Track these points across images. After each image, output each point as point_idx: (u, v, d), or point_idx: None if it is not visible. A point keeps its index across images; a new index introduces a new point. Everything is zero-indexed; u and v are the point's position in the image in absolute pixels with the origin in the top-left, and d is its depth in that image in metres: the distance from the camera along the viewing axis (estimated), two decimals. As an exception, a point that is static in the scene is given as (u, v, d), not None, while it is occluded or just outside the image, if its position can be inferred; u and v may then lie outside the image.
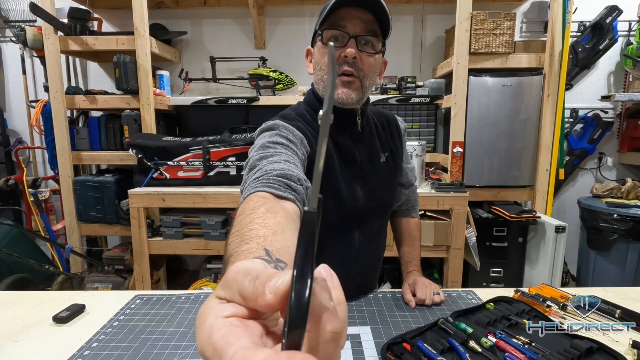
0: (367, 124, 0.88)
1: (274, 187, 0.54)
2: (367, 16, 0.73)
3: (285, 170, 0.58)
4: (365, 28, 0.73)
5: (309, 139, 0.78)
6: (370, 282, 1.05)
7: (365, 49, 0.75)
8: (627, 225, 2.21)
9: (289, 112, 0.86)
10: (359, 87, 0.76)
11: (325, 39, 0.74)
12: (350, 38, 0.72)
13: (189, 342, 0.81)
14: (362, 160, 0.85)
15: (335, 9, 0.71)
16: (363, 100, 0.81)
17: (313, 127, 0.81)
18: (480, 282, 2.37)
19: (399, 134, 0.93)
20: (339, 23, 0.73)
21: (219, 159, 2.22)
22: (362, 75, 0.76)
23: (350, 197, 0.83)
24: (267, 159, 0.62)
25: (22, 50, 2.81)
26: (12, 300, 1.02)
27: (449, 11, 2.56)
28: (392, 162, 0.90)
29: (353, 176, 0.83)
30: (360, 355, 0.76)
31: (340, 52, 0.73)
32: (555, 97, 2.32)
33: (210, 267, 2.39)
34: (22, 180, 2.57)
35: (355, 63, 0.74)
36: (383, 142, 0.89)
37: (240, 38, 2.83)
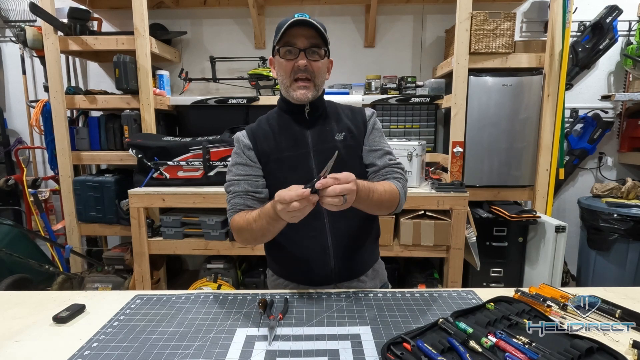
0: (321, 114, 1.08)
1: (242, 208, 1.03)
2: (310, 32, 0.97)
3: (243, 192, 1.04)
4: (310, 42, 0.97)
5: (256, 138, 1.07)
6: (357, 259, 1.11)
7: (312, 57, 0.99)
8: (627, 225, 2.21)
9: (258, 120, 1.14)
10: (313, 87, 1.01)
11: (282, 53, 0.99)
12: (300, 51, 0.97)
13: (189, 342, 0.81)
14: (313, 139, 1.05)
15: (287, 29, 0.96)
16: (317, 96, 1.04)
17: (270, 122, 1.09)
18: (481, 282, 2.37)
19: (363, 120, 1.11)
20: (291, 41, 0.97)
21: (219, 159, 2.22)
22: (314, 77, 1.00)
23: (304, 169, 1.03)
24: (232, 186, 1.06)
25: (22, 50, 2.81)
26: (12, 300, 1.02)
27: (449, 11, 2.56)
28: (350, 140, 1.07)
29: (306, 151, 1.04)
30: (360, 355, 0.76)
31: (294, 62, 0.98)
32: (555, 97, 2.32)
33: (210, 267, 2.39)
34: (22, 180, 2.57)
35: (307, 69, 0.98)
36: (341, 125, 1.08)
37: (240, 38, 2.83)
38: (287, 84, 1.01)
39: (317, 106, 1.07)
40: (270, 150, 1.05)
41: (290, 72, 0.99)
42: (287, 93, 1.03)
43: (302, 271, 1.10)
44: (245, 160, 1.06)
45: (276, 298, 1.00)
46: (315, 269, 1.08)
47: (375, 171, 1.08)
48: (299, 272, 1.11)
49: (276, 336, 0.82)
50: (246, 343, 0.80)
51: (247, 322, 0.88)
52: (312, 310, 0.94)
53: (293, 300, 0.99)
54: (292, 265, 1.11)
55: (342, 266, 1.08)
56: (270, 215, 0.89)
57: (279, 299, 0.99)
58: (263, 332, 0.84)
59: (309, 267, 1.08)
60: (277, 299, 1.00)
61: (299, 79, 0.99)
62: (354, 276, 1.11)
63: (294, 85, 1.00)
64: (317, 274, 1.08)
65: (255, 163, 1.06)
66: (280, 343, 0.80)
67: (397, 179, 1.06)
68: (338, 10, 2.76)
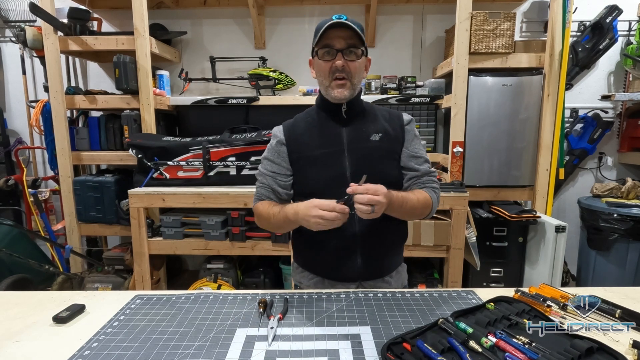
0: (358, 114, 1.11)
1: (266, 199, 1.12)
2: (348, 33, 0.99)
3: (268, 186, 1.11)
4: (347, 43, 1.00)
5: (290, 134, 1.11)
6: (383, 260, 1.12)
7: (349, 57, 1.01)
8: (627, 225, 2.21)
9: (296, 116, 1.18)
10: (350, 86, 1.04)
11: (320, 55, 1.03)
12: (338, 52, 1.00)
13: (189, 342, 0.81)
14: (348, 137, 1.08)
15: (325, 31, 0.99)
16: (354, 95, 1.07)
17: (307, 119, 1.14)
18: (480, 282, 2.37)
19: (400, 124, 1.13)
20: (328, 42, 1.00)
21: (219, 159, 2.22)
22: (351, 77, 1.03)
23: (337, 165, 1.06)
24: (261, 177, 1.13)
25: (22, 50, 2.81)
26: (12, 300, 1.02)
27: (449, 11, 2.56)
28: (386, 142, 1.09)
29: (340, 149, 1.07)
30: (360, 355, 0.76)
31: (332, 63, 1.01)
32: (555, 97, 2.32)
33: (210, 267, 2.39)
34: (22, 180, 2.57)
35: (344, 69, 1.01)
36: (378, 126, 1.10)
37: (240, 38, 2.83)
38: (326, 84, 1.04)
39: (354, 105, 1.10)
40: (304, 146, 1.08)
41: (328, 73, 1.02)
42: (326, 92, 1.07)
43: (328, 267, 1.12)
44: (274, 157, 1.11)
45: (276, 298, 1.00)
46: (341, 265, 1.09)
47: (416, 177, 1.11)
48: (325, 267, 1.12)
49: (276, 336, 0.82)
50: (246, 343, 0.80)
51: (247, 322, 0.88)
52: (312, 310, 0.94)
53: (293, 300, 0.99)
54: (319, 260, 1.13)
55: (368, 265, 1.09)
56: (289, 217, 0.98)
57: (279, 299, 0.99)
58: (263, 332, 0.84)
59: (335, 264, 1.10)
60: (277, 299, 1.00)
61: (336, 78, 1.02)
62: (378, 276, 1.12)
63: (332, 84, 1.03)
64: (343, 270, 1.10)
65: (284, 160, 1.10)
66: (280, 343, 0.80)
67: (434, 189, 1.12)
68: (338, 10, 2.75)
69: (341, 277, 1.11)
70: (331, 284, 1.11)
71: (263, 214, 1.07)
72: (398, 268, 1.18)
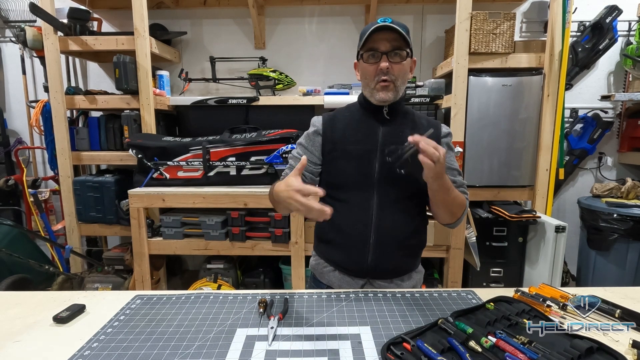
0: (397, 116, 1.12)
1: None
2: (392, 35, 1.00)
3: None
4: (392, 45, 1.01)
5: (328, 125, 1.13)
6: (394, 261, 1.11)
7: (394, 60, 1.02)
8: (627, 225, 2.21)
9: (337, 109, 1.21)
10: (393, 88, 1.05)
11: (365, 58, 1.04)
12: (382, 55, 1.01)
13: (189, 342, 0.81)
14: (383, 138, 1.08)
15: (370, 35, 1.00)
16: (398, 97, 1.08)
17: (345, 114, 1.16)
18: (480, 282, 2.37)
19: (437, 135, 1.12)
20: (373, 45, 1.02)
21: (219, 159, 2.22)
22: (394, 79, 1.04)
23: (366, 162, 1.07)
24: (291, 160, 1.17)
25: (22, 50, 2.81)
26: (12, 300, 1.02)
27: (449, 11, 2.56)
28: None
29: (374, 148, 1.08)
30: (360, 355, 0.76)
31: (377, 66, 1.02)
32: (555, 97, 2.32)
33: (210, 267, 2.39)
34: (22, 180, 2.57)
35: (388, 72, 1.02)
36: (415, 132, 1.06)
37: (240, 38, 2.83)
38: (371, 87, 1.05)
39: (396, 108, 1.11)
40: (339, 139, 1.10)
41: (373, 75, 1.04)
42: (370, 95, 1.08)
43: (340, 259, 1.13)
44: (308, 144, 1.14)
45: (276, 298, 1.00)
46: (353, 259, 1.10)
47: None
48: (339, 258, 1.13)
49: (276, 336, 0.82)
50: (246, 343, 0.80)
51: (247, 322, 0.88)
52: (312, 310, 0.94)
53: (293, 300, 0.99)
54: (334, 250, 1.14)
55: (378, 263, 1.09)
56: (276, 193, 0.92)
57: (279, 299, 0.99)
58: (263, 332, 0.84)
59: (348, 257, 1.11)
60: (277, 299, 1.00)
61: (382, 80, 1.03)
62: (388, 276, 1.12)
63: (378, 86, 1.04)
64: (354, 264, 1.11)
65: (317, 150, 1.13)
66: (280, 343, 0.80)
67: (466, 197, 1.13)
68: (338, 10, 2.76)
69: (351, 272, 1.12)
70: (341, 277, 1.13)
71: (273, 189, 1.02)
72: (411, 273, 1.17)
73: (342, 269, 1.13)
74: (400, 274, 1.14)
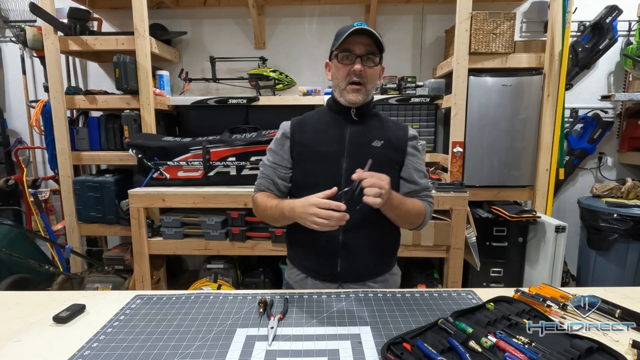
0: (365, 118, 1.14)
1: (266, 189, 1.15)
2: (368, 40, 1.03)
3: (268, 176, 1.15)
4: (367, 49, 1.03)
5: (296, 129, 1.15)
6: (364, 265, 1.12)
7: (367, 64, 1.05)
8: (627, 225, 2.21)
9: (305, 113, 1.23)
10: (364, 92, 1.07)
11: (340, 58, 1.06)
12: (357, 57, 1.03)
13: (189, 342, 0.81)
14: (350, 139, 1.11)
15: (347, 37, 1.01)
16: (367, 100, 1.11)
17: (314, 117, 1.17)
18: (480, 282, 2.37)
19: (405, 137, 1.15)
20: (349, 47, 1.04)
21: (219, 159, 2.22)
22: (366, 82, 1.06)
23: (334, 163, 1.09)
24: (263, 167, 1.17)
25: (22, 50, 2.81)
26: (12, 300, 1.02)
27: (449, 11, 2.56)
28: (388, 150, 1.11)
29: (341, 149, 1.10)
30: (360, 355, 0.76)
31: (350, 67, 1.04)
32: (555, 97, 2.32)
33: (210, 267, 2.39)
34: (22, 180, 2.57)
35: (361, 74, 1.04)
36: (382, 134, 1.13)
37: (240, 38, 2.83)
38: (342, 87, 1.08)
39: (364, 111, 1.13)
40: (308, 141, 1.12)
41: (346, 76, 1.05)
42: (340, 95, 1.10)
43: (311, 264, 1.14)
44: (277, 149, 1.16)
45: (276, 298, 1.00)
46: (323, 263, 1.11)
47: (416, 190, 1.14)
48: (309, 265, 1.14)
49: (276, 336, 0.82)
50: (246, 343, 0.80)
51: (247, 322, 0.88)
52: (312, 310, 0.94)
53: (293, 300, 0.99)
54: (304, 257, 1.15)
55: (348, 268, 1.10)
56: (284, 212, 1.00)
57: (279, 299, 0.99)
58: (263, 332, 0.84)
59: (318, 261, 1.12)
60: (277, 299, 1.00)
61: (353, 82, 1.05)
62: (359, 280, 1.13)
63: (348, 88, 1.06)
64: (325, 269, 1.11)
65: (286, 153, 1.14)
66: (280, 343, 0.80)
67: (430, 203, 1.15)
68: (338, 10, 2.76)
69: (322, 277, 1.12)
70: (313, 283, 1.13)
71: (261, 205, 1.10)
72: (385, 275, 1.18)
73: (314, 275, 1.14)
74: (373, 276, 1.15)
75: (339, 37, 1.04)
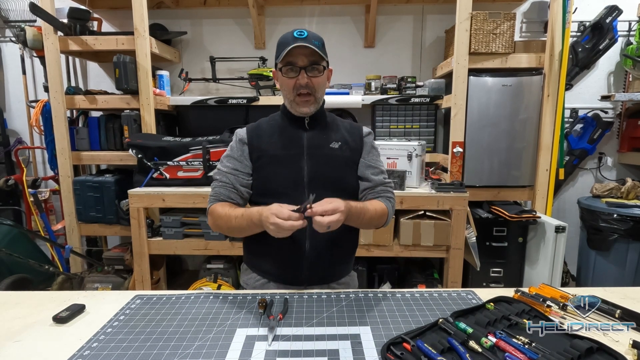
0: (319, 122, 1.15)
1: (225, 198, 1.11)
2: (309, 50, 1.01)
3: (229, 184, 1.11)
4: (309, 60, 1.03)
5: (253, 134, 1.14)
6: (330, 267, 1.13)
7: (312, 73, 1.04)
8: (627, 225, 2.21)
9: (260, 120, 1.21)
10: (314, 101, 1.08)
11: (284, 72, 1.05)
12: (301, 70, 1.03)
13: (189, 342, 0.81)
14: (308, 143, 1.11)
15: (288, 50, 1.00)
16: (318, 107, 1.12)
17: (270, 123, 1.17)
18: (480, 282, 2.37)
19: (360, 135, 1.18)
20: (291, 60, 1.03)
21: (219, 159, 2.21)
22: (314, 91, 1.06)
23: (295, 167, 1.09)
24: (220, 175, 1.14)
25: (22, 50, 2.81)
26: (12, 300, 1.02)
27: (449, 11, 2.56)
28: (345, 150, 1.13)
29: (300, 152, 1.10)
30: (360, 355, 0.76)
31: (295, 80, 1.04)
32: (555, 97, 2.32)
33: (210, 267, 2.39)
34: (22, 180, 2.57)
35: (308, 85, 1.04)
36: (338, 135, 1.15)
37: (240, 38, 2.83)
38: (291, 99, 1.08)
39: (317, 118, 1.14)
40: (265, 146, 1.11)
41: (292, 89, 1.05)
42: (290, 107, 1.10)
43: (274, 269, 1.13)
44: (236, 155, 1.13)
45: (276, 298, 1.00)
46: (288, 268, 1.11)
47: (370, 187, 1.15)
48: (272, 269, 1.13)
49: (276, 336, 0.82)
50: (246, 343, 0.80)
51: (247, 322, 0.88)
52: (312, 310, 0.94)
53: (293, 300, 0.99)
54: (267, 261, 1.14)
55: (314, 271, 1.10)
56: (253, 220, 0.96)
57: (278, 299, 0.99)
58: (263, 332, 0.84)
59: (283, 266, 1.11)
60: (277, 299, 1.00)
61: (301, 94, 1.05)
62: (324, 282, 1.14)
63: (297, 100, 1.06)
64: (289, 274, 1.11)
65: (246, 159, 1.12)
66: (280, 343, 0.80)
67: (388, 199, 1.15)
68: (338, 10, 2.76)
69: (287, 281, 1.12)
70: (276, 287, 1.13)
71: (222, 216, 1.04)
72: (346, 277, 1.19)
73: (277, 279, 1.13)
74: (337, 278, 1.16)
75: (280, 49, 1.03)
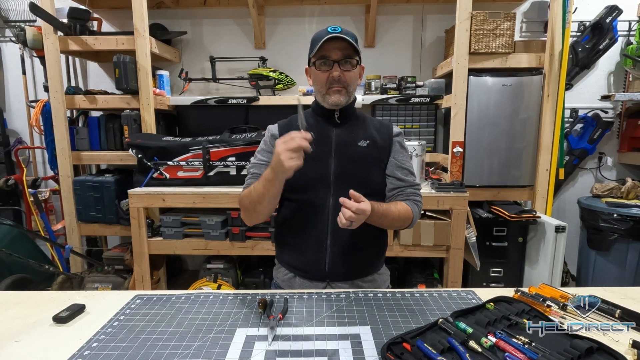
0: (349, 118, 1.17)
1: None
2: (343, 44, 1.04)
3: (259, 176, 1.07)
4: (343, 54, 1.06)
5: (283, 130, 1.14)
6: (352, 263, 1.13)
7: (345, 67, 1.07)
8: (627, 225, 2.21)
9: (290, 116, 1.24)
10: (345, 93, 1.10)
11: (318, 65, 1.08)
12: (334, 63, 1.06)
13: (189, 342, 0.81)
14: (337, 139, 1.13)
15: (322, 43, 1.03)
16: (349, 101, 1.14)
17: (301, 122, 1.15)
18: (480, 282, 2.37)
19: (389, 135, 1.18)
20: (325, 54, 1.06)
21: (219, 159, 2.22)
22: (347, 85, 1.09)
23: (323, 164, 1.11)
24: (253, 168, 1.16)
25: (22, 50, 2.81)
26: (12, 300, 1.02)
27: (449, 11, 2.56)
28: (373, 149, 1.14)
29: (328, 149, 1.12)
30: (360, 355, 0.76)
31: (329, 74, 1.07)
32: (555, 97, 2.32)
33: (210, 267, 2.39)
34: (22, 180, 2.57)
35: (340, 79, 1.07)
36: (367, 134, 1.15)
37: (240, 38, 2.83)
38: (323, 92, 1.10)
39: (347, 112, 1.16)
40: None
41: (325, 82, 1.08)
42: (322, 100, 1.12)
43: (299, 262, 1.14)
44: (270, 149, 1.16)
45: (276, 298, 1.00)
46: (310, 261, 1.12)
47: (400, 187, 1.15)
48: (297, 262, 1.15)
49: (276, 336, 0.82)
50: (246, 343, 0.80)
51: (247, 322, 0.88)
52: (312, 310, 0.94)
53: (293, 300, 0.99)
54: (292, 254, 1.16)
55: (336, 266, 1.11)
56: (267, 177, 0.97)
57: (278, 299, 0.99)
58: (263, 332, 0.84)
59: (305, 259, 1.12)
60: (277, 299, 1.00)
61: (333, 87, 1.08)
62: (347, 278, 1.13)
63: (330, 91, 1.08)
64: (312, 267, 1.12)
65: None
66: (280, 343, 0.80)
67: (416, 202, 1.14)
68: (338, 10, 2.76)
69: (310, 276, 1.13)
70: (301, 282, 1.14)
71: (245, 194, 1.08)
72: (374, 275, 1.19)
73: (301, 274, 1.14)
74: (360, 276, 1.15)
75: (314, 44, 1.06)
